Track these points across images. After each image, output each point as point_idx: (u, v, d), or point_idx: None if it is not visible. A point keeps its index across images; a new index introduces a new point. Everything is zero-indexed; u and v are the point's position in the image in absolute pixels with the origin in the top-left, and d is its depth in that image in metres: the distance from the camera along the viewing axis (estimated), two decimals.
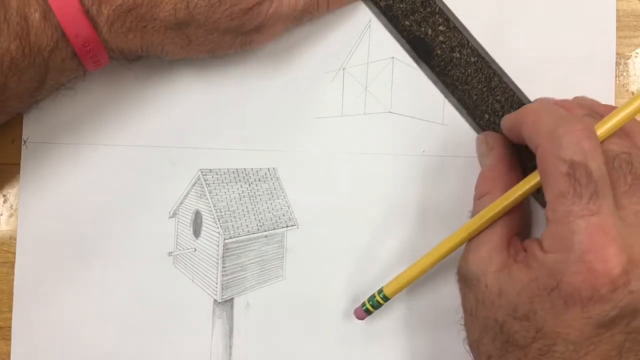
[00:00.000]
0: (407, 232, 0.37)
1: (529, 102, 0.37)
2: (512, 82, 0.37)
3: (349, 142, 0.37)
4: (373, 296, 0.35)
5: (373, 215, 0.37)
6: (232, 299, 0.37)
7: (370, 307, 0.35)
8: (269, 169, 0.38)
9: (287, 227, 0.37)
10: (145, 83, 0.37)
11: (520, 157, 0.35)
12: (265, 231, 0.37)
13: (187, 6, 0.31)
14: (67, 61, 0.32)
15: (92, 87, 0.37)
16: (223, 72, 0.37)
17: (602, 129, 0.30)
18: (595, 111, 0.32)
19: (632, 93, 0.37)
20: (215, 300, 0.37)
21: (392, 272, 0.36)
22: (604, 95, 0.37)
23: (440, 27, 0.37)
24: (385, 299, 0.35)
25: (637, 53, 0.38)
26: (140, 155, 0.37)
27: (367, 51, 0.37)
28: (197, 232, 0.38)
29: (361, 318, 0.36)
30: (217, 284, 0.37)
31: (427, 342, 0.36)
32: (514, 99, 0.37)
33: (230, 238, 0.37)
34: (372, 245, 0.37)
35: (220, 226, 0.37)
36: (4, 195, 0.37)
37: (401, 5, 0.37)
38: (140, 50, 0.33)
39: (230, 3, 0.32)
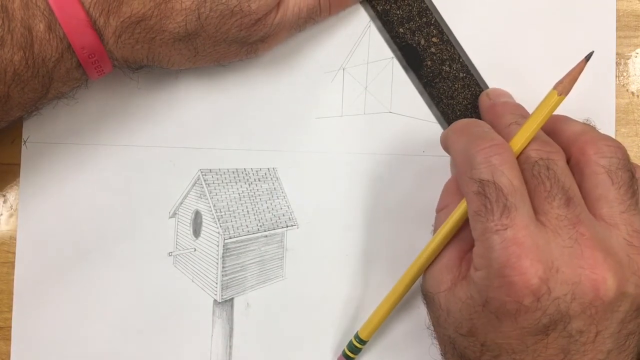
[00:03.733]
0: (407, 231, 0.37)
1: None
2: None
3: (349, 142, 0.37)
4: (350, 342, 0.35)
5: (373, 215, 0.37)
6: (232, 299, 0.37)
7: (350, 354, 0.35)
8: (269, 169, 0.38)
9: (287, 227, 0.37)
10: (146, 83, 0.37)
11: None
12: (265, 231, 0.37)
13: (199, 17, 0.31)
14: (72, 71, 0.31)
15: (93, 88, 0.37)
16: (223, 72, 0.37)
17: (521, 137, 0.30)
18: (525, 116, 0.33)
19: (632, 93, 0.37)
20: (215, 301, 0.37)
21: (392, 273, 0.36)
22: (604, 95, 0.37)
23: (434, 39, 0.37)
24: (362, 342, 0.35)
25: (637, 53, 0.38)
26: (141, 155, 0.37)
27: (367, 51, 0.37)
28: (197, 232, 0.38)
29: None
30: (217, 284, 0.37)
31: (427, 341, 0.36)
32: None
33: (230, 238, 0.37)
34: (372, 245, 0.37)
35: (220, 226, 0.37)
36: (4, 195, 0.37)
37: (398, 12, 0.37)
38: (145, 61, 0.33)
39: (241, 14, 0.31)
